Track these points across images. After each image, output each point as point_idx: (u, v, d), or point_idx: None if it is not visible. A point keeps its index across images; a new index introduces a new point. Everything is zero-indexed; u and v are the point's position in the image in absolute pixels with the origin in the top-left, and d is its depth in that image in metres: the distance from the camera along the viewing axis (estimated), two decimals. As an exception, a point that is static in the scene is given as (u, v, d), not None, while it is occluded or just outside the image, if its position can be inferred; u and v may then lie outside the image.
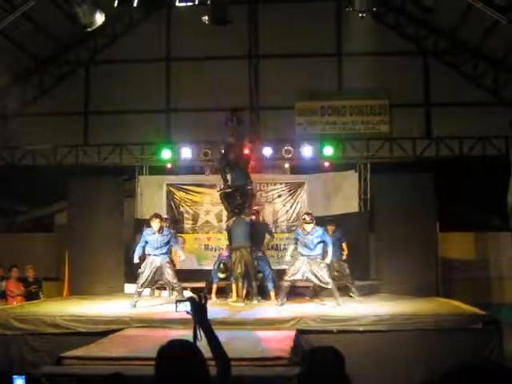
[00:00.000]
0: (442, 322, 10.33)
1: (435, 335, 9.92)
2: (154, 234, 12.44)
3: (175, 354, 3.12)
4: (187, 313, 3.85)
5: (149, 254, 12.38)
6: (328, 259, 12.18)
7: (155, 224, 12.45)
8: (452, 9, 15.43)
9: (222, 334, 3.77)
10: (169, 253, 12.98)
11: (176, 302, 3.98)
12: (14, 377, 4.54)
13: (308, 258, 12.14)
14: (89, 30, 12.96)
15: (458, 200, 15.96)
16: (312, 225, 12.30)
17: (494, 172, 15.59)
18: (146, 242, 12.44)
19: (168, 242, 12.57)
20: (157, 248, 12.36)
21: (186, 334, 3.69)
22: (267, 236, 14.68)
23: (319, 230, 12.34)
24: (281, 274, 14.75)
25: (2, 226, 18.69)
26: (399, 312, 11.12)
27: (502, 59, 16.15)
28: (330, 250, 12.19)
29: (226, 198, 14.09)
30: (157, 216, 12.72)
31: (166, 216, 14.85)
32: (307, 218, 12.37)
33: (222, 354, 3.61)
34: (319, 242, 12.22)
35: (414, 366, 9.46)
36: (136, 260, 12.53)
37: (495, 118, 16.13)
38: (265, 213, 16.88)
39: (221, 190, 14.46)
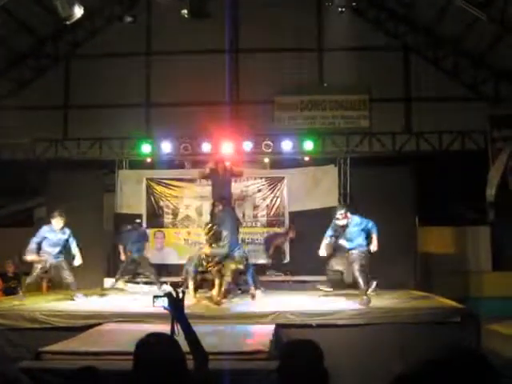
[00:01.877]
0: (420, 315, 10.39)
1: (413, 329, 9.98)
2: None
3: (153, 347, 3.13)
4: (164, 308, 3.85)
5: None
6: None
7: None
8: (432, 4, 15.52)
9: (200, 329, 3.79)
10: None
11: (153, 298, 3.98)
12: None
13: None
14: (67, 22, 12.91)
15: (437, 194, 16.05)
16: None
17: (473, 166, 15.71)
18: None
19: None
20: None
21: (164, 328, 3.68)
22: None
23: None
24: (260, 269, 14.83)
25: (-20, 221, 18.56)
26: (378, 306, 11.17)
27: (481, 55, 16.25)
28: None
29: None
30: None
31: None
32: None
33: (200, 348, 3.63)
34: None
35: (392, 360, 9.50)
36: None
37: (474, 113, 16.26)
38: (245, 207, 16.93)
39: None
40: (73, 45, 17.60)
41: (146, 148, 16.56)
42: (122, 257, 14.98)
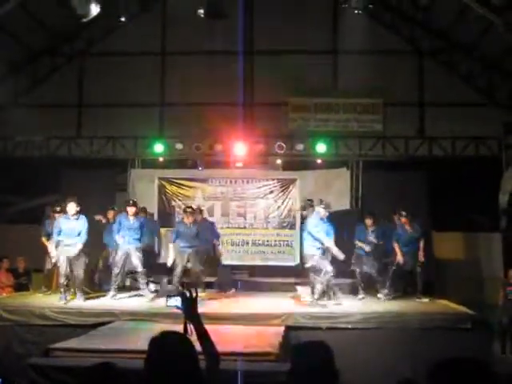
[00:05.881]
0: (431, 320, 10.39)
1: (423, 334, 9.96)
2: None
3: (167, 346, 3.13)
4: (177, 308, 3.85)
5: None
6: None
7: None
8: (448, 9, 15.43)
9: (211, 329, 3.78)
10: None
11: (167, 297, 3.98)
12: None
13: None
14: (84, 20, 12.93)
15: (450, 200, 15.97)
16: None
17: (486, 172, 15.62)
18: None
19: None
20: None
21: (175, 328, 3.68)
22: None
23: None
24: (271, 270, 14.80)
25: (-8, 217, 18.62)
26: (388, 310, 11.16)
27: (496, 60, 16.15)
28: None
29: None
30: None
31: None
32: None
33: (212, 348, 3.62)
34: None
35: (402, 364, 9.47)
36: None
37: (489, 118, 16.15)
38: (257, 208, 17.04)
39: None
40: (88, 43, 17.61)
41: (158, 147, 16.57)
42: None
